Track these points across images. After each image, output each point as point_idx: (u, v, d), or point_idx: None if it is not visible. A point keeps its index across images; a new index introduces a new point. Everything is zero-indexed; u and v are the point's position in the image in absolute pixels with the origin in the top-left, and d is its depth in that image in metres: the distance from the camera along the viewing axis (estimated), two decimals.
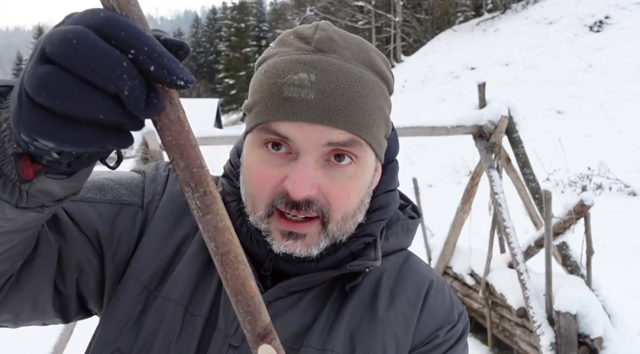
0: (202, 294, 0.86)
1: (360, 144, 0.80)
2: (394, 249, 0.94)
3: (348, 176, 0.81)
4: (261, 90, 0.80)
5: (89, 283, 0.87)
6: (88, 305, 0.91)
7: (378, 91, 0.83)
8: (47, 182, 0.61)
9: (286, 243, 0.81)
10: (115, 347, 0.84)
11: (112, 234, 0.89)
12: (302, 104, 0.76)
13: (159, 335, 0.83)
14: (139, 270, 0.88)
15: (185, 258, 0.88)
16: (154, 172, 0.98)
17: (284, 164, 0.80)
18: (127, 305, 0.86)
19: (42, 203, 0.64)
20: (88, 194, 0.89)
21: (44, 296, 0.82)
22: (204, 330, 0.83)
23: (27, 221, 0.67)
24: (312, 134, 0.77)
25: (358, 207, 0.85)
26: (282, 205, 0.79)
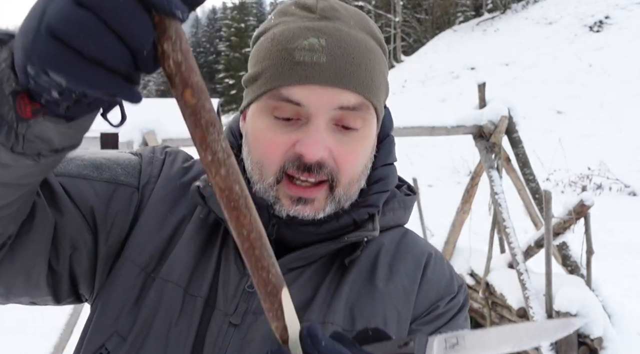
0: (201, 275, 0.85)
1: (368, 108, 0.83)
2: (391, 225, 0.94)
3: (356, 140, 0.83)
4: (269, 56, 0.81)
5: (82, 262, 0.87)
6: (79, 288, 0.90)
7: (380, 57, 0.86)
8: (44, 126, 0.61)
9: (295, 208, 0.82)
10: (114, 330, 0.83)
11: (107, 212, 0.88)
12: (314, 67, 0.78)
13: (158, 317, 0.83)
14: (135, 252, 0.88)
15: (183, 240, 0.88)
16: (151, 155, 0.98)
17: (293, 130, 0.81)
18: (124, 288, 0.86)
19: (38, 150, 0.64)
20: (85, 171, 0.89)
21: (38, 270, 0.82)
22: (204, 310, 0.83)
23: (22, 173, 0.66)
24: (324, 97, 0.79)
25: (362, 171, 0.87)
26: (293, 169, 0.80)
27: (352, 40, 0.81)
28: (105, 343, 0.83)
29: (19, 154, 0.62)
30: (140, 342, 0.82)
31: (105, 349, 0.83)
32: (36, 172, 0.69)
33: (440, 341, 0.61)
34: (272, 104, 0.81)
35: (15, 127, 0.60)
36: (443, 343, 0.60)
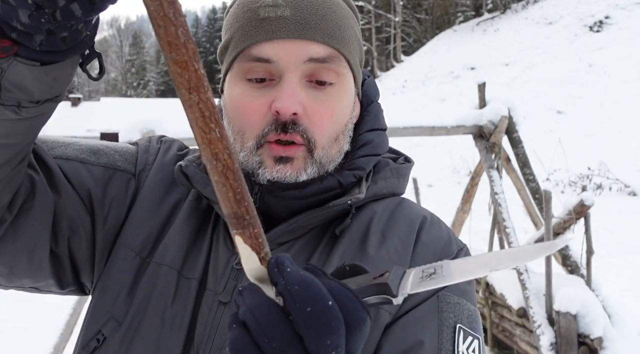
0: (195, 258, 0.85)
1: (340, 60, 0.83)
2: (384, 193, 0.91)
3: (332, 96, 0.83)
4: (236, 20, 0.84)
5: (81, 247, 0.87)
6: (81, 276, 0.91)
7: (347, 12, 0.87)
8: (19, 71, 0.61)
9: (277, 168, 0.81)
10: (110, 315, 0.84)
11: (104, 197, 0.89)
12: (279, 22, 0.79)
13: (153, 300, 0.83)
14: (130, 238, 0.88)
15: (176, 224, 0.88)
16: (147, 143, 0.99)
17: (269, 90, 0.81)
18: (120, 273, 0.86)
19: (18, 101, 0.64)
20: (82, 155, 0.90)
21: (40, 249, 0.82)
22: (198, 292, 0.83)
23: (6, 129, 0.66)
24: (292, 51, 0.79)
25: (342, 131, 0.86)
26: (272, 132, 0.80)
27: None
28: (101, 329, 0.83)
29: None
30: (135, 325, 0.82)
31: (102, 335, 0.83)
32: (21, 130, 0.69)
33: (417, 272, 0.59)
34: (244, 66, 0.82)
35: None
36: (420, 273, 0.59)
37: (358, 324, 0.51)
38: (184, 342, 0.80)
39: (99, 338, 0.83)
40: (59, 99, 0.71)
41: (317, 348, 0.48)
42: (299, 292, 0.49)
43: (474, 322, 0.82)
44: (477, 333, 0.81)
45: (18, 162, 0.74)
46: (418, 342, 0.77)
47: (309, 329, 0.48)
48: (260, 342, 0.49)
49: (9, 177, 0.74)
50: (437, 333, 0.78)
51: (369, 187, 0.89)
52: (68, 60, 0.64)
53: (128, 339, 0.82)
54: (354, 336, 0.51)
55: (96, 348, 0.83)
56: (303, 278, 0.51)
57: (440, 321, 0.79)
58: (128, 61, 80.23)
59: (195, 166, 0.86)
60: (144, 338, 0.81)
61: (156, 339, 0.81)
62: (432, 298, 0.81)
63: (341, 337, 0.49)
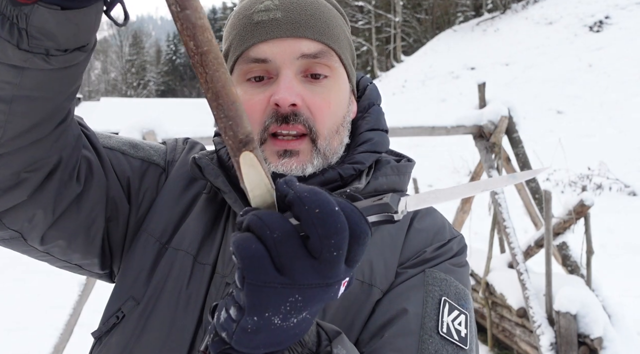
0: (210, 245, 0.91)
1: (331, 54, 0.89)
2: (384, 188, 0.95)
3: (326, 88, 0.89)
4: (233, 28, 0.91)
5: (117, 231, 0.95)
6: (113, 260, 0.98)
7: (336, 14, 0.95)
8: (42, 16, 0.64)
9: (282, 162, 0.86)
10: (130, 295, 0.90)
11: (140, 187, 0.97)
12: (271, 24, 0.87)
13: (169, 281, 0.88)
14: (152, 225, 0.95)
15: (193, 214, 0.95)
16: (174, 143, 1.08)
17: (267, 87, 0.87)
18: (141, 257, 0.92)
19: (45, 48, 0.68)
20: (123, 147, 0.99)
21: (96, 226, 0.91)
22: (211, 277, 0.88)
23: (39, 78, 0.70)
24: (286, 49, 0.86)
25: (341, 123, 0.92)
26: (273, 123, 0.85)
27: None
28: (121, 307, 0.90)
29: (27, 51, 0.67)
30: (152, 305, 0.88)
31: (121, 312, 0.89)
32: (55, 82, 0.73)
33: (412, 196, 0.64)
34: (244, 68, 0.89)
35: (15, 20, 0.64)
36: (415, 197, 0.63)
37: (362, 235, 0.54)
38: (196, 322, 0.86)
39: (119, 315, 0.90)
40: (87, 49, 0.75)
41: (321, 246, 0.51)
42: (308, 197, 0.53)
43: (462, 299, 0.85)
44: (464, 309, 0.84)
45: (59, 122, 0.80)
46: (402, 310, 0.82)
47: (316, 227, 0.51)
48: (262, 234, 0.52)
49: (53, 137, 0.80)
50: (421, 303, 0.82)
51: (370, 182, 0.93)
52: (90, 7, 0.68)
53: (145, 317, 0.88)
54: (356, 244, 0.54)
55: (115, 324, 0.89)
56: (312, 188, 0.54)
57: (426, 293, 0.84)
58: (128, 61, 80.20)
59: (207, 159, 0.93)
60: (160, 317, 0.87)
61: (171, 318, 0.86)
62: (419, 274, 0.87)
63: (345, 240, 0.52)
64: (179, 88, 74.96)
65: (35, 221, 0.84)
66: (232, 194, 0.88)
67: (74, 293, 3.68)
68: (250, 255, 0.51)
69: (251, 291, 0.52)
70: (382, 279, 0.86)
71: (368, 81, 1.05)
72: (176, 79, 76.23)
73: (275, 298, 0.52)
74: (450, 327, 0.81)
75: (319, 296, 0.54)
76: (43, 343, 3.86)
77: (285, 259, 0.51)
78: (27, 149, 0.77)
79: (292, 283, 0.52)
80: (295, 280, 0.52)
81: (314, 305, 0.55)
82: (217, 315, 0.58)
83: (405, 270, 0.88)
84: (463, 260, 0.93)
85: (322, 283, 0.53)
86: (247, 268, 0.52)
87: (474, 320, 0.87)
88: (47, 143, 0.79)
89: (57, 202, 0.84)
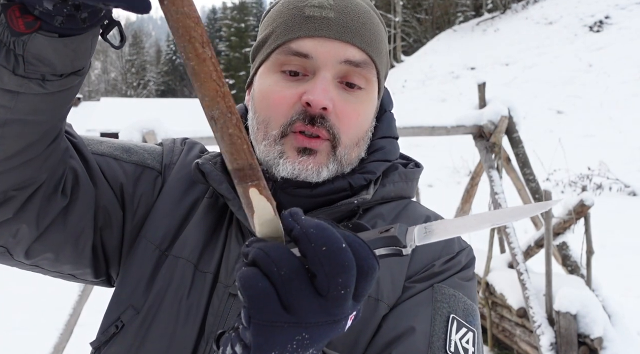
0: (211, 253, 0.89)
1: (372, 67, 0.87)
2: (392, 196, 0.93)
3: (359, 100, 0.87)
4: (281, 16, 0.88)
5: (113, 239, 0.92)
6: (110, 267, 0.95)
7: (383, 29, 0.93)
8: (40, 43, 0.63)
9: (300, 159, 0.84)
10: (129, 304, 0.88)
11: (134, 192, 0.94)
12: (323, 22, 0.84)
13: (169, 291, 0.87)
14: (151, 231, 0.92)
15: (194, 220, 0.92)
16: (171, 144, 1.04)
17: (301, 84, 0.84)
18: (140, 264, 0.90)
19: (41, 74, 0.67)
20: (115, 152, 0.95)
21: (85, 237, 0.88)
22: (212, 286, 0.87)
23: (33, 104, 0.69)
24: (332, 50, 0.83)
25: (363, 137, 0.90)
26: (299, 121, 0.83)
27: (357, 3, 0.89)
28: (120, 316, 0.88)
29: (23, 77, 0.66)
30: (152, 315, 0.86)
31: (120, 322, 0.87)
32: (49, 106, 0.72)
33: (420, 229, 0.62)
34: (281, 59, 0.85)
35: (12, 47, 0.63)
36: (423, 230, 0.62)
37: (370, 270, 0.53)
38: (197, 333, 0.84)
39: (118, 324, 0.87)
40: (83, 72, 0.73)
41: (328, 284, 0.50)
42: (315, 233, 0.52)
43: (470, 315, 0.83)
44: (472, 326, 0.82)
45: (51, 141, 0.78)
46: (409, 328, 0.79)
47: (323, 266, 0.50)
48: (269, 271, 0.51)
49: (44, 156, 0.78)
50: (429, 321, 0.80)
51: (377, 190, 0.91)
52: (87, 33, 0.66)
53: (145, 327, 0.85)
54: (364, 280, 0.53)
55: (115, 334, 0.87)
56: (318, 223, 0.53)
57: (434, 310, 0.81)
58: (128, 61, 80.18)
59: (211, 164, 0.90)
60: (160, 327, 0.85)
61: (171, 329, 0.84)
62: (427, 290, 0.84)
63: (352, 278, 0.51)
64: (179, 88, 74.90)
65: (20, 236, 0.82)
66: (236, 201, 0.86)
67: (74, 293, 3.68)
68: (257, 294, 0.50)
69: (257, 331, 0.51)
70: (389, 293, 0.84)
71: None
72: (176, 79, 76.19)
73: (281, 338, 0.51)
74: (458, 345, 0.79)
75: (326, 332, 0.53)
76: (43, 343, 3.86)
77: (292, 297, 0.50)
78: (17, 169, 0.75)
79: (299, 321, 0.51)
80: (302, 319, 0.51)
81: (320, 341, 0.54)
82: (222, 350, 0.57)
83: (414, 284, 0.85)
84: (470, 273, 0.90)
85: (330, 320, 0.52)
86: (254, 308, 0.51)
87: (481, 336, 0.85)
88: (37, 163, 0.77)
89: (42, 216, 0.82)
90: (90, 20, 0.62)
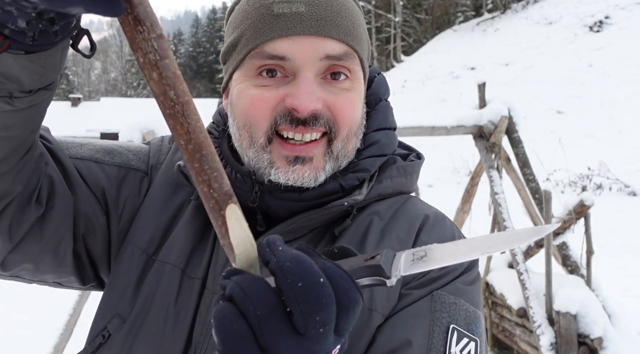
0: (199, 258, 0.85)
1: (354, 57, 0.82)
2: (389, 192, 0.88)
3: (347, 89, 0.81)
4: (248, 17, 0.80)
5: (97, 244, 0.88)
6: (100, 272, 0.92)
7: (358, 11, 0.86)
8: (5, 60, 0.59)
9: (293, 169, 0.79)
10: (115, 312, 0.85)
11: (118, 196, 0.90)
12: (294, 18, 0.77)
13: (156, 298, 0.83)
14: (137, 235, 0.88)
15: (181, 223, 0.88)
16: (159, 143, 0.99)
17: (281, 85, 0.79)
18: (127, 270, 0.87)
19: (9, 91, 0.63)
20: (97, 154, 0.91)
21: (64, 246, 0.84)
22: (201, 292, 0.83)
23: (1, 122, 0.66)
24: (309, 48, 0.77)
25: (359, 126, 0.84)
26: (286, 124, 0.78)
27: None
28: (107, 325, 0.85)
29: None
30: (139, 323, 0.83)
31: (107, 331, 0.84)
32: (19, 121, 0.69)
33: (408, 255, 0.58)
34: (256, 63, 0.79)
35: None
36: (411, 256, 0.58)
37: (351, 304, 0.50)
38: (185, 341, 0.80)
39: (104, 334, 0.84)
40: (52, 87, 0.70)
41: (305, 323, 0.47)
42: (291, 268, 0.49)
43: (472, 324, 0.78)
44: (474, 335, 0.77)
45: (23, 154, 0.75)
46: (406, 341, 0.74)
47: (299, 304, 0.47)
48: (245, 310, 0.48)
49: (17, 169, 0.75)
50: (427, 333, 0.75)
51: (373, 187, 0.86)
52: (56, 47, 0.63)
53: (131, 336, 0.82)
54: (345, 316, 0.50)
55: (101, 344, 0.84)
56: (295, 256, 0.50)
57: (432, 321, 0.76)
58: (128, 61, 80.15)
59: None
60: (147, 336, 0.82)
61: (159, 337, 0.81)
62: (425, 298, 0.78)
63: (331, 314, 0.49)
64: None
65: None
66: None
67: (74, 293, 3.68)
68: (231, 337, 0.47)
69: None
70: (383, 302, 0.78)
71: (375, 72, 0.95)
72: None
73: None
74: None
75: None
76: (43, 343, 3.85)
77: (269, 339, 0.47)
78: None
79: None
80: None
81: None
82: None
83: (410, 291, 0.79)
84: (474, 275, 0.84)
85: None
86: (228, 352, 0.47)
87: (485, 343, 0.80)
88: (10, 176, 0.74)
89: (15, 228, 0.78)
90: (62, 32, 0.59)
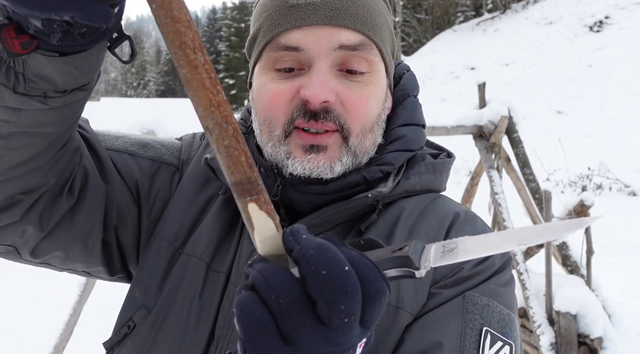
0: (225, 252, 0.85)
1: (371, 48, 0.80)
2: (417, 189, 0.86)
3: (365, 84, 0.80)
4: (265, 10, 0.82)
5: (128, 236, 0.90)
6: (128, 264, 0.93)
7: (380, 1, 0.84)
8: (40, 62, 0.60)
9: (309, 157, 0.78)
10: (141, 303, 0.86)
11: (150, 188, 0.92)
12: (308, 8, 0.77)
13: (181, 290, 0.84)
14: (165, 228, 0.90)
15: (208, 217, 0.89)
16: (191, 139, 1.01)
17: (297, 78, 0.79)
18: (153, 262, 0.88)
19: (43, 91, 0.64)
20: (131, 147, 0.93)
21: (94, 236, 0.86)
22: (225, 286, 0.83)
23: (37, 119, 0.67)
24: (323, 38, 0.76)
25: (376, 121, 0.83)
26: (300, 117, 0.77)
27: None
28: (133, 316, 0.86)
29: (23, 95, 0.63)
30: (163, 315, 0.83)
31: (132, 322, 0.86)
32: (53, 119, 0.70)
33: (438, 247, 0.56)
34: (273, 56, 0.80)
35: (11, 65, 0.60)
36: (441, 248, 0.55)
37: (377, 294, 0.48)
38: (208, 336, 0.81)
39: (130, 324, 0.86)
40: (88, 87, 0.70)
41: (329, 312, 0.46)
42: (315, 255, 0.47)
43: (506, 327, 0.75)
44: (509, 339, 0.74)
45: (59, 149, 0.77)
46: (436, 343, 0.71)
47: (323, 292, 0.46)
48: (267, 299, 0.47)
49: (51, 163, 0.77)
50: (459, 335, 0.72)
51: (400, 182, 0.84)
52: (90, 49, 0.63)
53: (156, 328, 0.83)
54: (371, 306, 0.48)
55: (127, 334, 0.86)
56: (320, 243, 0.49)
57: (465, 323, 0.73)
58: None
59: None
60: (171, 328, 0.82)
61: (182, 330, 0.82)
62: (457, 298, 0.75)
63: (357, 304, 0.47)
64: (179, 88, 74.89)
65: (27, 236, 0.81)
66: None
67: (74, 293, 3.68)
68: (253, 325, 0.46)
69: None
70: (411, 301, 0.76)
71: (404, 69, 0.95)
72: (176, 79, 76.18)
73: None
74: None
75: None
76: (43, 343, 3.85)
77: (292, 328, 0.46)
78: (24, 176, 0.74)
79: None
80: (303, 351, 0.46)
81: None
82: None
83: (440, 290, 0.76)
84: (507, 276, 0.81)
85: (334, 350, 0.48)
86: (250, 341, 0.46)
87: (521, 347, 0.77)
88: (45, 169, 0.76)
89: (46, 218, 0.80)
90: (89, 36, 0.59)
